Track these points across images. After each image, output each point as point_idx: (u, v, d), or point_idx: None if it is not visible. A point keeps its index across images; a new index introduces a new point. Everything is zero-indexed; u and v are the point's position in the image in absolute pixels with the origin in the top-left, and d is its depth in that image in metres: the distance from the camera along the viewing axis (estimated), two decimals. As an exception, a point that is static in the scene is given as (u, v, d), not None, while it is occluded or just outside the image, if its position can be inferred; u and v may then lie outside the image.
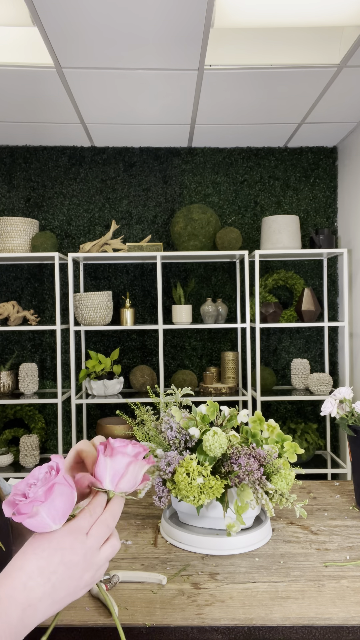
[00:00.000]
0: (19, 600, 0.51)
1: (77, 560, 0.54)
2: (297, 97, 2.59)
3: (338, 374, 3.34)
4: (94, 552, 0.56)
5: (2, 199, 3.29)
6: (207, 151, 3.34)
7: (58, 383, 2.92)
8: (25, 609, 0.51)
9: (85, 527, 0.56)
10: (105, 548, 0.58)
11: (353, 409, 1.39)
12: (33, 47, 2.17)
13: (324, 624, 0.90)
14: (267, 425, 1.26)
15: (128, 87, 2.46)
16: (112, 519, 0.58)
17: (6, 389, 3.02)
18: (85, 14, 1.86)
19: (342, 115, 2.85)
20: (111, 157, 3.32)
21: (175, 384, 3.09)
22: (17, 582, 0.51)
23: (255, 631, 0.90)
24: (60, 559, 0.53)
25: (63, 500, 0.55)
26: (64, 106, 2.67)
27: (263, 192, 3.35)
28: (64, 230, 3.31)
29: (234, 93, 2.53)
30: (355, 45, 2.08)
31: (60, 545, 0.54)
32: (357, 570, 1.07)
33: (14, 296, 3.29)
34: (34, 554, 0.53)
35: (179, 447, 1.20)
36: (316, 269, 3.36)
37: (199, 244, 3.01)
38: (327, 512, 1.37)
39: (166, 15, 1.87)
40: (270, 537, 1.23)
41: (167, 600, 0.97)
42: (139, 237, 3.32)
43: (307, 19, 1.94)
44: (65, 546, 0.54)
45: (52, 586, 0.53)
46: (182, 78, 2.37)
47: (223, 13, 1.90)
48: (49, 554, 0.53)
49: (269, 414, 3.35)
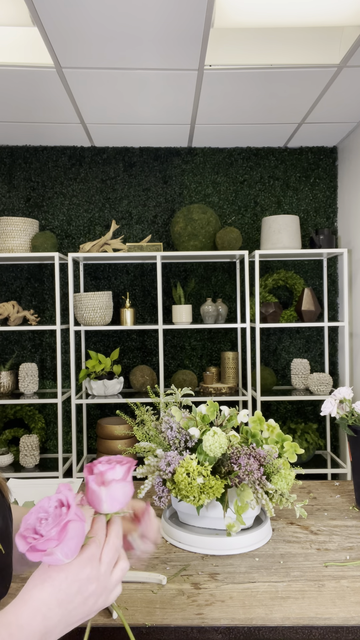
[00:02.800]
0: (37, 629, 0.55)
1: (92, 589, 0.58)
2: (297, 97, 2.59)
3: (338, 374, 3.34)
4: (107, 576, 0.60)
5: (2, 199, 3.29)
6: (207, 151, 3.34)
7: (58, 383, 2.92)
8: (43, 635, 0.55)
9: (97, 555, 0.59)
10: (116, 572, 0.61)
11: (353, 409, 1.39)
12: (33, 47, 2.17)
13: (324, 624, 0.90)
14: (267, 425, 1.26)
15: (128, 87, 2.46)
16: (118, 540, 0.62)
17: (6, 389, 3.02)
18: (85, 14, 1.86)
19: (342, 115, 2.85)
20: (111, 157, 3.32)
21: (175, 384, 3.09)
22: (37, 613, 0.55)
23: (255, 631, 0.90)
24: (78, 589, 0.57)
25: (76, 537, 0.57)
26: (64, 106, 2.67)
27: (263, 192, 3.35)
28: (64, 230, 3.31)
29: (234, 93, 2.53)
30: (355, 45, 2.08)
31: (78, 577, 0.57)
32: (357, 570, 1.07)
33: (14, 296, 3.30)
34: (52, 586, 0.56)
35: (179, 447, 1.20)
36: (316, 269, 3.36)
37: (199, 244, 3.01)
38: (327, 512, 1.37)
39: (166, 15, 1.87)
40: (270, 537, 1.23)
41: (167, 600, 0.97)
42: (139, 237, 3.32)
43: (307, 19, 1.94)
44: (82, 577, 0.57)
45: (68, 613, 0.57)
46: (182, 78, 2.37)
47: (223, 13, 1.90)
48: (67, 585, 0.56)
49: (269, 414, 3.35)
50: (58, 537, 0.55)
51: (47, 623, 0.55)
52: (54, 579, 0.56)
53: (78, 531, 0.56)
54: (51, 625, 0.55)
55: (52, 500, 0.59)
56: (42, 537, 0.56)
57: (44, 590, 0.56)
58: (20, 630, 0.54)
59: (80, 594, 0.57)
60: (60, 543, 0.55)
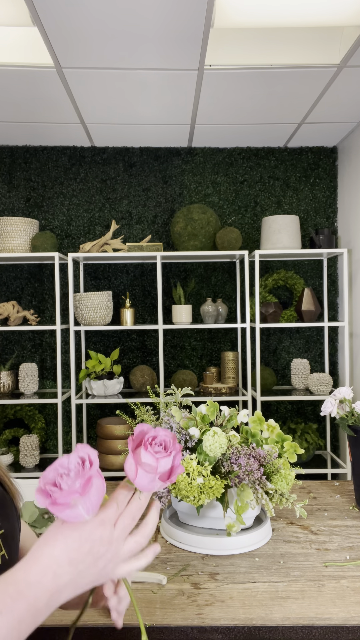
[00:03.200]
0: (48, 587, 0.53)
1: (104, 552, 0.57)
2: (297, 97, 2.59)
3: (338, 374, 3.34)
4: (119, 543, 0.59)
5: (2, 199, 3.29)
6: (207, 151, 3.34)
7: (58, 383, 2.92)
8: (53, 594, 0.54)
9: (112, 518, 0.58)
10: (130, 542, 0.60)
11: (353, 409, 1.39)
12: (33, 47, 2.17)
13: (324, 624, 0.90)
14: (267, 425, 1.26)
15: (128, 87, 2.46)
16: (138, 510, 0.60)
17: (6, 389, 3.02)
18: (86, 13, 1.86)
19: (342, 115, 2.85)
20: (111, 157, 3.32)
21: (175, 384, 3.09)
22: (47, 570, 0.54)
23: (255, 631, 0.90)
24: (89, 549, 0.56)
25: (98, 493, 0.56)
26: (64, 106, 2.67)
27: (263, 192, 3.35)
28: (64, 230, 3.31)
29: (234, 93, 2.53)
30: (355, 45, 2.08)
31: (91, 537, 0.56)
32: (357, 570, 1.07)
33: (14, 296, 3.29)
34: (65, 544, 0.55)
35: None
36: (316, 269, 3.36)
37: (199, 244, 3.01)
38: (327, 512, 1.37)
39: (166, 15, 1.87)
40: (270, 537, 1.23)
41: (167, 600, 0.97)
42: (139, 237, 3.32)
43: (307, 19, 1.94)
44: (95, 538, 0.56)
45: (78, 573, 0.55)
46: (182, 78, 2.37)
47: (223, 13, 1.90)
48: (80, 544, 0.56)
49: (269, 414, 3.35)
50: (82, 490, 0.55)
51: (58, 581, 0.54)
52: (67, 537, 0.56)
53: (100, 488, 0.56)
54: (61, 584, 0.54)
55: (72, 457, 0.58)
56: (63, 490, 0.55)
57: (55, 547, 0.55)
58: (29, 587, 0.52)
59: (91, 554, 0.56)
60: (84, 496, 0.55)
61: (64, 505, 0.55)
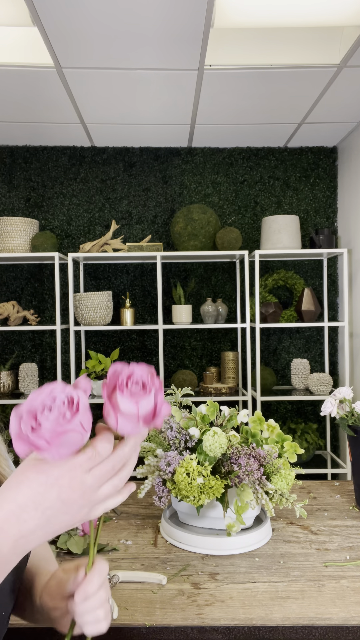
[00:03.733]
0: (11, 533, 0.51)
1: (75, 498, 0.53)
2: (297, 97, 2.59)
3: (338, 374, 3.34)
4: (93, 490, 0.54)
5: (2, 199, 3.29)
6: (207, 151, 3.34)
7: (58, 383, 2.92)
8: (18, 540, 0.51)
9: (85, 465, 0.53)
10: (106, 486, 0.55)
11: (353, 409, 1.39)
12: (33, 47, 2.17)
13: (324, 624, 0.90)
14: (267, 425, 1.26)
15: (128, 87, 2.46)
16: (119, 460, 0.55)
17: (6, 389, 3.02)
18: (86, 14, 1.86)
19: (342, 115, 2.85)
20: (111, 157, 3.32)
21: (175, 384, 3.09)
22: (10, 515, 0.51)
23: (255, 631, 0.90)
24: (57, 495, 0.52)
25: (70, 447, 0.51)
26: (64, 106, 2.67)
27: (263, 192, 3.35)
28: (64, 230, 3.31)
29: (234, 93, 2.53)
30: (355, 45, 2.08)
31: (58, 481, 0.52)
32: (357, 570, 1.07)
33: (14, 296, 3.29)
34: (29, 487, 0.52)
35: (179, 447, 1.20)
36: (316, 269, 3.36)
37: (199, 244, 3.01)
38: (327, 512, 1.37)
39: (166, 15, 1.87)
40: (270, 537, 1.23)
41: (167, 600, 0.97)
42: (139, 237, 3.32)
43: (307, 19, 1.94)
44: (64, 483, 0.52)
45: (46, 519, 0.52)
46: (182, 78, 2.37)
47: (223, 13, 1.90)
48: (45, 489, 0.52)
49: (269, 414, 3.35)
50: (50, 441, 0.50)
51: (22, 527, 0.51)
52: (32, 481, 0.52)
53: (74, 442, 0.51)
54: (27, 530, 0.51)
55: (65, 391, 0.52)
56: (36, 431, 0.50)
57: (19, 492, 0.52)
58: None
59: (59, 500, 0.52)
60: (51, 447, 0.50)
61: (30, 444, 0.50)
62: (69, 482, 0.52)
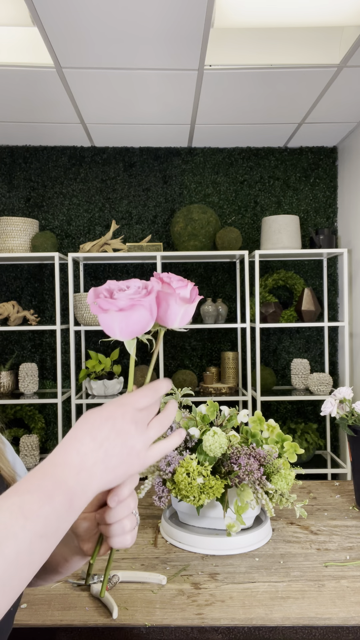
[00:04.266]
0: (72, 464, 0.52)
1: (128, 429, 0.55)
2: (297, 97, 2.59)
3: (338, 374, 3.34)
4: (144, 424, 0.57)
5: (2, 199, 3.29)
6: (207, 151, 3.34)
7: (58, 383, 2.92)
8: (80, 472, 0.52)
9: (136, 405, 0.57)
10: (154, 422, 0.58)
11: (353, 409, 1.39)
12: (33, 47, 2.17)
13: (324, 624, 0.90)
14: (267, 425, 1.26)
15: (128, 87, 2.46)
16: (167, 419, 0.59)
17: (6, 389, 3.02)
18: (86, 13, 1.86)
19: (342, 115, 2.85)
20: (111, 157, 3.32)
21: (175, 384, 3.09)
22: (70, 449, 0.53)
23: (255, 631, 0.90)
24: (112, 425, 0.55)
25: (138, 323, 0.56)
26: (64, 106, 2.67)
27: (263, 192, 3.35)
28: (64, 230, 3.31)
29: (234, 93, 2.53)
30: (355, 45, 2.08)
31: (113, 414, 0.55)
32: (357, 570, 1.07)
33: (14, 296, 3.29)
34: (86, 423, 0.55)
35: (179, 447, 1.20)
36: (316, 269, 3.36)
37: (199, 244, 3.01)
38: (327, 512, 1.37)
39: (166, 15, 1.87)
40: (270, 537, 1.23)
41: (167, 600, 0.97)
42: (139, 237, 3.32)
43: (307, 19, 1.94)
44: (117, 415, 0.55)
45: (104, 452, 0.54)
46: (182, 78, 2.37)
47: (223, 13, 1.90)
48: (101, 422, 0.55)
49: (269, 414, 3.35)
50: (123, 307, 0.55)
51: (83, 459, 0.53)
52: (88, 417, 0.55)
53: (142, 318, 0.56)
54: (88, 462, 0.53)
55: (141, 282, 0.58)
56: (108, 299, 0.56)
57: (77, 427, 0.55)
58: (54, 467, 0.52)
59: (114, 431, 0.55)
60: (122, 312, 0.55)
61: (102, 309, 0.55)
62: (122, 415, 0.55)
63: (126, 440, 0.55)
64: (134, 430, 0.56)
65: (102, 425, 0.55)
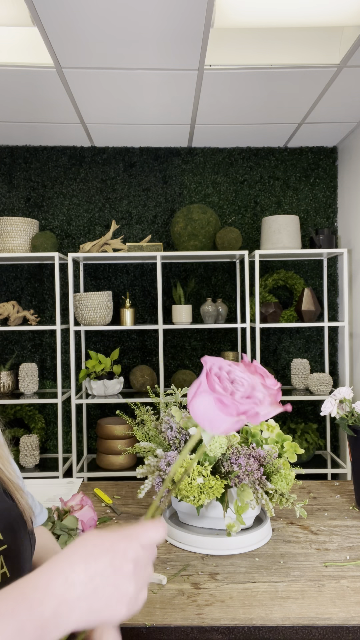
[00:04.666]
0: (55, 594, 0.47)
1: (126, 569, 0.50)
2: (297, 97, 2.59)
3: (338, 374, 3.34)
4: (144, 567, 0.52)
5: (2, 199, 3.29)
6: (207, 151, 3.34)
7: (58, 383, 2.92)
8: (61, 604, 0.46)
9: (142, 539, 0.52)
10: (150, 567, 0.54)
11: (353, 409, 1.39)
12: (33, 47, 2.17)
13: (324, 624, 0.90)
14: (267, 425, 1.26)
15: (128, 87, 2.46)
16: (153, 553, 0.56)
17: (6, 389, 3.02)
18: (86, 13, 1.86)
19: (342, 115, 2.85)
20: (111, 157, 3.32)
21: (175, 384, 3.09)
22: (59, 574, 0.48)
23: (255, 631, 0.90)
24: (110, 561, 0.49)
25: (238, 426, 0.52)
26: (64, 106, 2.67)
27: (263, 192, 3.35)
28: (64, 230, 3.31)
29: (234, 93, 2.53)
30: (355, 45, 2.08)
31: (114, 547, 0.50)
32: (357, 570, 1.07)
33: (14, 296, 3.29)
34: (84, 547, 0.50)
35: (179, 447, 1.20)
36: (316, 269, 3.36)
37: (199, 244, 3.01)
38: (327, 512, 1.37)
39: (166, 15, 1.87)
40: (270, 537, 1.23)
41: (167, 600, 0.97)
42: (139, 237, 3.32)
43: (307, 19, 1.94)
44: (119, 549, 0.50)
45: (93, 589, 0.48)
46: (182, 78, 2.37)
47: (223, 13, 1.90)
48: (100, 552, 0.50)
49: (269, 414, 3.35)
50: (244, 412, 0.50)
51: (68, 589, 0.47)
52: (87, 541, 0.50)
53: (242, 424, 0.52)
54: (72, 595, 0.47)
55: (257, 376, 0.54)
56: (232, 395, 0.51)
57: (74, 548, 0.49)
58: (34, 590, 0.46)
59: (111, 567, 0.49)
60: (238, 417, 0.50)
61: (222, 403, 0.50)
62: (124, 549, 0.50)
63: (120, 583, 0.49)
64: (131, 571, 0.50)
65: (99, 555, 0.49)
